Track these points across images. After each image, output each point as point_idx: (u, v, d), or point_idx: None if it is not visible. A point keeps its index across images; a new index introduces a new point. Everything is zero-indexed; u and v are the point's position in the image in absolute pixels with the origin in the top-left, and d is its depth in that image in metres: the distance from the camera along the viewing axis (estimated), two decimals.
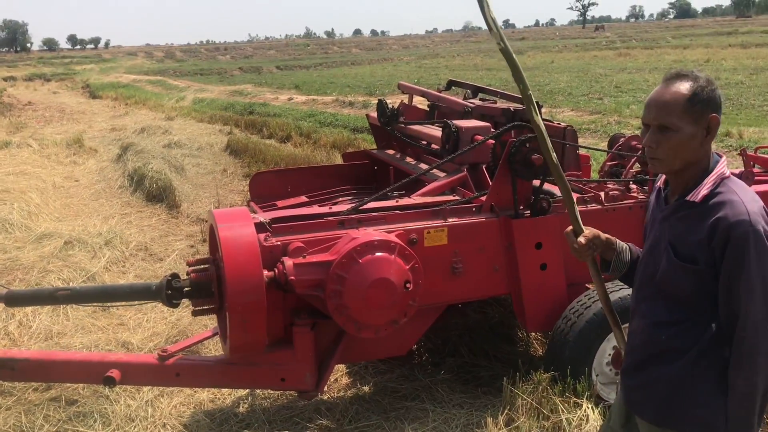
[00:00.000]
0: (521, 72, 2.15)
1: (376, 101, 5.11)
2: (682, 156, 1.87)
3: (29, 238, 6.94)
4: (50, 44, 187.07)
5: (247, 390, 3.91)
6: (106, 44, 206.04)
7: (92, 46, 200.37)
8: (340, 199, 4.87)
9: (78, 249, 6.44)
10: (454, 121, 4.05)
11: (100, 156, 12.79)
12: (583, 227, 2.18)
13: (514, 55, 2.13)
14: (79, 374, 3.31)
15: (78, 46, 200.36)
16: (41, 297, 3.51)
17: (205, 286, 3.15)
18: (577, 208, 2.21)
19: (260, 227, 3.19)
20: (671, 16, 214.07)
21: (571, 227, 2.20)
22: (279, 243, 3.17)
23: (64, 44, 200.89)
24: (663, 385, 1.96)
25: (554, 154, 2.24)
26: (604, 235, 2.17)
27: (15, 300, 3.35)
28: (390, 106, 4.86)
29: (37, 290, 4.24)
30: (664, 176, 2.05)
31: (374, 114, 5.12)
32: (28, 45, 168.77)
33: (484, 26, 2.18)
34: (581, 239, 2.13)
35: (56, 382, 3.82)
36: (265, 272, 3.00)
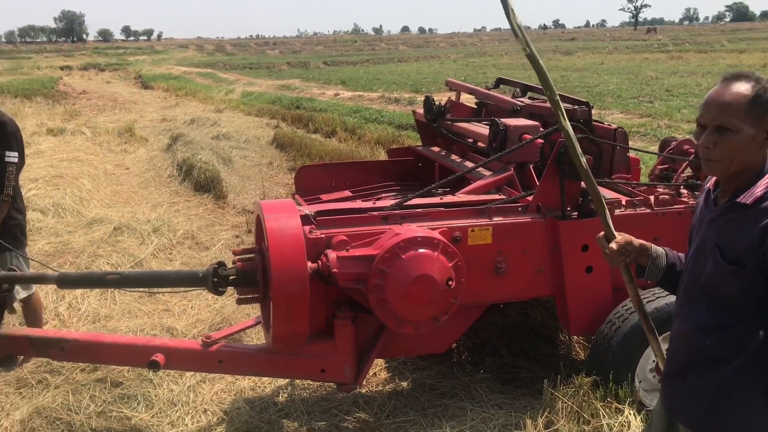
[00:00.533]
0: (548, 78, 2.14)
1: (422, 98, 5.11)
2: (740, 158, 1.81)
3: (80, 222, 7.14)
4: (105, 35, 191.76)
5: (287, 380, 3.95)
6: (159, 36, 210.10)
7: (145, 37, 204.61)
8: (384, 194, 4.88)
9: (127, 235, 6.60)
10: (502, 119, 4.02)
11: (150, 145, 13.08)
12: (616, 233, 2.14)
13: (540, 61, 2.12)
14: (125, 357, 3.38)
15: (132, 38, 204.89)
16: (91, 280, 3.61)
17: (250, 275, 3.19)
18: (609, 214, 2.18)
19: (305, 219, 3.21)
20: (727, 19, 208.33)
21: (602, 233, 2.17)
22: (323, 236, 3.19)
23: (118, 35, 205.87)
24: (707, 393, 1.92)
25: (583, 159, 2.21)
26: (637, 241, 2.14)
27: (66, 282, 3.45)
28: (437, 103, 4.85)
29: (88, 273, 4.35)
30: (714, 178, 1.99)
31: (420, 110, 5.12)
32: (84, 35, 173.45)
33: (534, 26, 2.16)
34: (612, 245, 2.10)
35: (103, 364, 3.92)
36: (309, 264, 3.02)
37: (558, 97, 2.17)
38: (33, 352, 3.46)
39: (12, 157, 4.04)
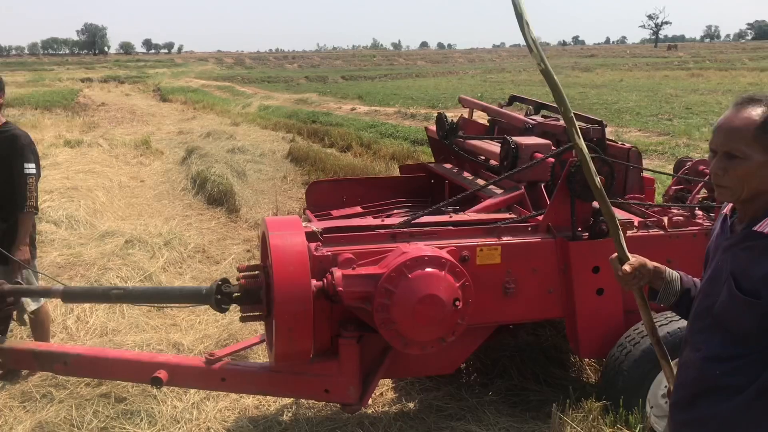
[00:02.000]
0: (562, 93, 2.09)
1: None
2: (750, 185, 1.75)
3: (93, 235, 7.16)
4: (126, 48, 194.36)
5: (292, 399, 3.90)
6: (179, 49, 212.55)
7: (166, 50, 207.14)
8: (395, 211, 4.84)
9: (138, 248, 6.60)
10: (514, 138, 3.97)
11: (165, 158, 13.15)
12: (629, 255, 2.08)
13: (555, 77, 2.07)
14: (128, 373, 3.35)
15: (152, 51, 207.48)
16: (95, 295, 3.58)
17: (254, 292, 3.15)
18: (622, 235, 2.12)
19: (312, 236, 3.18)
20: (749, 37, 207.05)
21: (615, 254, 2.11)
22: (329, 253, 3.15)
23: (139, 48, 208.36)
24: (716, 424, 1.84)
25: (597, 179, 2.16)
26: (651, 264, 2.07)
27: (71, 296, 3.42)
28: (450, 119, 4.81)
29: (92, 288, 4.34)
30: (731, 203, 1.93)
31: (433, 127, 5.08)
32: (106, 48, 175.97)
33: (553, 42, 2.12)
34: (626, 267, 2.04)
35: (106, 379, 3.89)
36: (314, 282, 2.98)
37: (572, 114, 2.11)
38: (37, 366, 3.44)
39: (30, 168, 4.07)
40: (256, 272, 3.22)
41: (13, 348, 3.39)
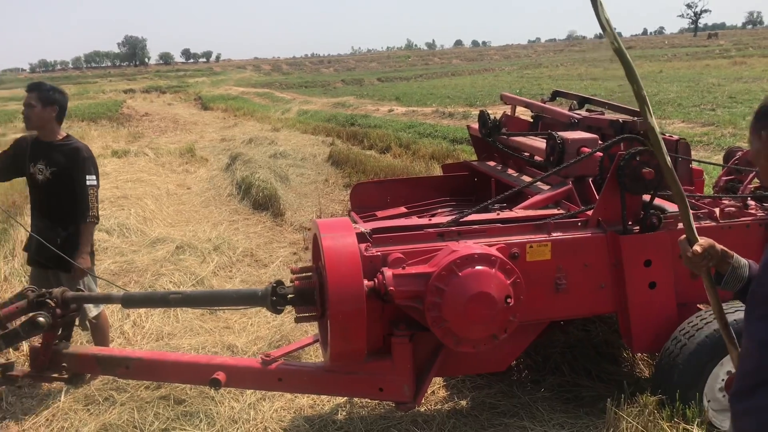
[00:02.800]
0: (635, 71, 2.08)
1: (476, 112, 5.08)
2: (762, 172, 1.78)
3: (144, 242, 7.35)
4: (166, 58, 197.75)
5: (346, 398, 3.95)
6: (217, 58, 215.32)
7: (204, 59, 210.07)
8: (439, 210, 4.86)
9: (188, 254, 6.75)
10: (560, 133, 3.96)
11: (210, 165, 13.39)
12: (699, 237, 2.07)
13: (628, 55, 2.06)
14: (187, 375, 3.44)
15: (191, 60, 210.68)
16: (154, 300, 3.69)
17: (308, 293, 3.21)
18: (692, 216, 2.11)
19: (361, 237, 3.22)
20: None
21: (684, 236, 2.10)
22: (379, 253, 3.19)
23: (178, 58, 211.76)
24: None
25: (668, 157, 2.15)
26: (719, 246, 2.06)
27: (130, 302, 3.54)
28: (491, 117, 4.81)
29: (151, 294, 4.46)
30: None
31: (475, 125, 5.09)
32: (146, 59, 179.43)
33: (589, 36, 2.13)
34: (697, 248, 2.03)
35: (166, 382, 4.00)
36: (365, 282, 3.02)
37: (645, 93, 2.11)
38: (100, 370, 3.55)
39: (92, 180, 4.22)
40: (310, 274, 3.28)
41: (77, 353, 3.52)
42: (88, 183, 4.20)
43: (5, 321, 3.40)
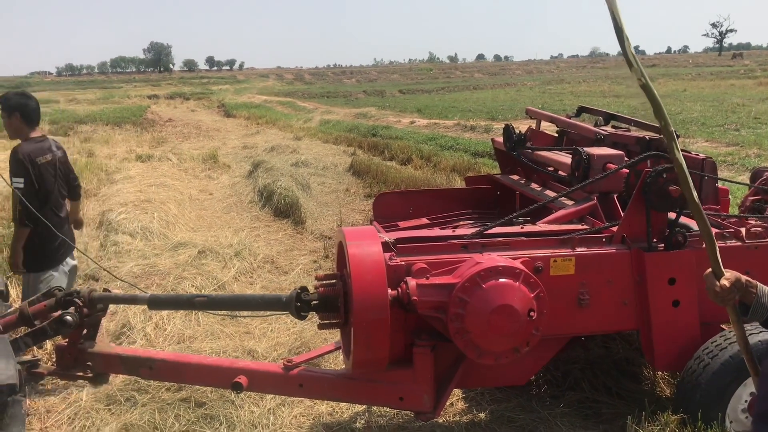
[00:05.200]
0: (662, 108, 2.09)
1: (498, 126, 5.11)
2: None
3: (166, 246, 7.42)
4: (190, 65, 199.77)
5: (365, 406, 3.97)
6: (241, 66, 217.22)
7: (228, 67, 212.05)
8: (462, 222, 4.87)
9: (210, 258, 6.81)
10: (586, 148, 3.96)
11: (232, 172, 13.50)
12: (724, 269, 2.07)
13: (655, 92, 2.08)
14: (210, 378, 3.47)
15: (215, 68, 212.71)
16: (180, 302, 3.74)
17: (332, 300, 3.23)
18: (718, 250, 2.10)
19: (386, 246, 3.24)
20: None
21: (710, 269, 2.09)
22: (403, 263, 3.20)
23: (202, 65, 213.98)
24: None
25: (695, 193, 2.15)
26: (744, 278, 2.06)
27: (156, 303, 3.59)
28: (516, 131, 4.83)
29: (177, 296, 4.51)
30: None
31: (499, 138, 5.10)
32: (171, 66, 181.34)
33: (612, 53, 2.13)
34: (725, 282, 2.02)
35: (188, 384, 4.04)
36: (389, 291, 3.04)
37: (673, 129, 2.11)
38: (124, 370, 3.60)
39: (18, 182, 4.33)
40: (334, 281, 3.31)
41: (102, 353, 3.57)
42: (14, 185, 4.28)
43: (33, 319, 3.46)
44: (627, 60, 2.08)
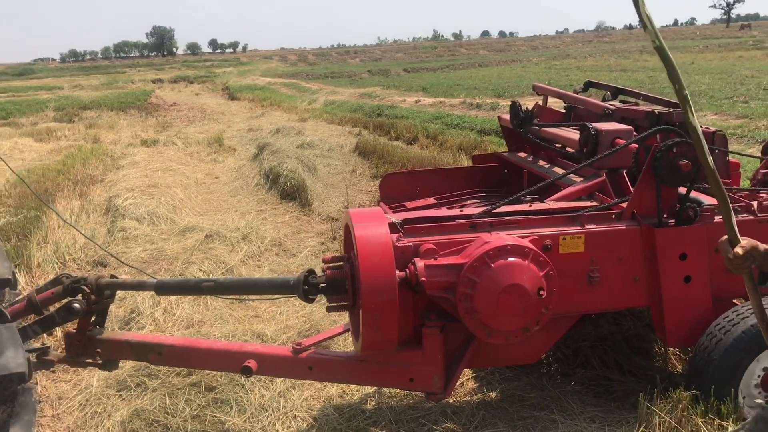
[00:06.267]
0: (677, 70, 2.04)
1: (504, 103, 5.04)
2: None
3: (173, 230, 7.42)
4: (193, 48, 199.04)
5: (375, 388, 3.96)
6: (244, 48, 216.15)
7: (231, 50, 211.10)
8: (469, 201, 4.83)
9: (218, 242, 6.80)
10: (594, 124, 3.90)
11: (238, 155, 13.47)
12: (740, 237, 2.03)
13: (669, 53, 2.02)
14: (220, 362, 3.47)
15: (218, 50, 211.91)
16: (187, 287, 3.73)
17: (340, 283, 3.21)
18: (734, 217, 2.06)
19: (393, 228, 3.21)
20: None
21: (725, 237, 2.05)
22: (411, 244, 3.18)
23: (206, 48, 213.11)
24: None
25: (710, 158, 2.09)
26: (762, 246, 2.01)
27: (163, 289, 3.58)
28: (523, 107, 4.76)
29: (184, 281, 4.51)
30: None
31: (506, 116, 5.04)
32: (174, 49, 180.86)
33: (618, 27, 2.08)
34: (738, 250, 1.98)
35: (198, 369, 4.04)
36: (397, 272, 3.02)
37: (686, 92, 2.06)
38: (133, 355, 3.60)
39: None
40: (341, 263, 3.28)
41: (111, 339, 3.58)
42: None
43: (41, 307, 3.46)
44: (641, 21, 2.03)
